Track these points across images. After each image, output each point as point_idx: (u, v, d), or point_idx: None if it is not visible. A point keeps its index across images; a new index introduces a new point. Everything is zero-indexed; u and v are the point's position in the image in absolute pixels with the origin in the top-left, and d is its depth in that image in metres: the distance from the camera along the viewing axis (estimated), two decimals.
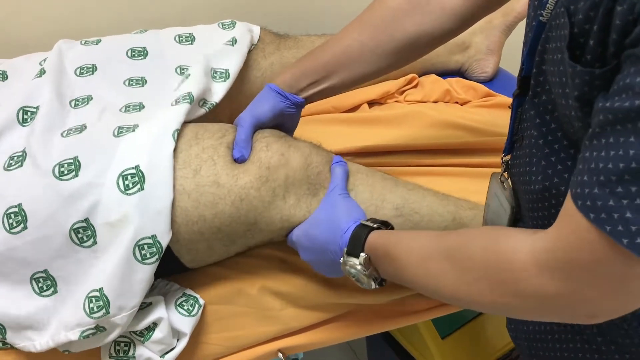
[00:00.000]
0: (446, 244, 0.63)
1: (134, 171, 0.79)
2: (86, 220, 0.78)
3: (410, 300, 0.95)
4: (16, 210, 0.79)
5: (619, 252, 0.46)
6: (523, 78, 0.64)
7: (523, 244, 0.54)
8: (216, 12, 1.27)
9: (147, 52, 1.04)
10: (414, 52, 0.87)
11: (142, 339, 0.84)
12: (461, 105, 1.20)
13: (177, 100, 0.89)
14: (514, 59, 0.84)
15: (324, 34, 1.17)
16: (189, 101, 0.88)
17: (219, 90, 0.97)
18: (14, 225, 0.79)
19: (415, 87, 1.23)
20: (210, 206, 0.81)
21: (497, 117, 1.12)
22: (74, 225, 0.78)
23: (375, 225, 0.74)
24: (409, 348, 1.32)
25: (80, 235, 0.79)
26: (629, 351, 0.66)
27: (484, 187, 0.83)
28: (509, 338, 1.28)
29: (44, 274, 0.81)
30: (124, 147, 0.81)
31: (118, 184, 0.78)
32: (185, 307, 0.86)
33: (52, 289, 0.82)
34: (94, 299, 0.78)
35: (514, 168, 0.72)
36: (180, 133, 0.84)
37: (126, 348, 0.85)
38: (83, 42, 1.06)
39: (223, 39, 1.07)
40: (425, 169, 1.06)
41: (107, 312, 0.78)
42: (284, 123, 0.91)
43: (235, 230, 0.83)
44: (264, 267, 0.92)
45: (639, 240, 0.44)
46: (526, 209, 0.69)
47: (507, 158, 0.74)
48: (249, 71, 1.08)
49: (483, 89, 1.20)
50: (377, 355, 1.50)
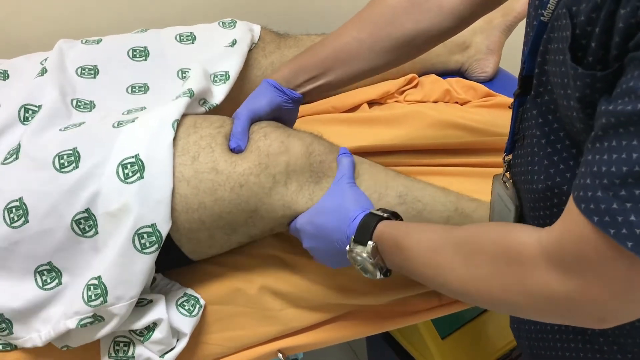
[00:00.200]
0: (456, 237, 0.62)
1: (133, 160, 0.79)
2: (87, 210, 0.78)
3: (410, 300, 0.95)
4: (17, 204, 0.79)
5: (623, 255, 0.46)
6: (524, 77, 0.64)
7: (531, 238, 0.54)
8: (216, 12, 1.27)
9: (148, 52, 1.04)
10: (412, 50, 0.87)
11: (141, 338, 0.83)
12: (461, 105, 1.20)
13: (178, 96, 0.89)
14: (514, 59, 0.84)
15: (324, 33, 1.17)
16: (189, 95, 0.88)
17: (220, 93, 0.98)
18: (15, 219, 0.79)
19: (415, 87, 1.23)
20: (210, 193, 0.80)
21: (497, 117, 1.12)
22: (75, 216, 0.78)
23: (385, 215, 0.74)
24: (409, 348, 1.32)
25: (82, 226, 0.79)
26: (631, 351, 0.66)
27: (483, 187, 0.83)
28: (508, 338, 1.29)
29: (48, 266, 0.81)
30: (123, 136, 0.81)
31: (118, 173, 0.78)
32: (186, 307, 0.86)
33: (57, 280, 0.82)
34: (92, 287, 0.78)
35: (515, 167, 0.72)
36: (179, 123, 0.84)
37: (125, 348, 0.85)
38: (84, 42, 1.06)
39: (223, 39, 1.07)
40: (425, 168, 1.06)
41: (105, 301, 0.78)
42: (281, 117, 0.91)
43: (236, 218, 0.83)
44: (264, 267, 0.92)
45: None
46: (528, 208, 0.69)
47: (509, 158, 0.74)
48: (249, 70, 1.08)
49: (483, 89, 1.20)
50: (377, 356, 1.50)
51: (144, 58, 1.03)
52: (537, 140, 0.63)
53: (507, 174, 0.75)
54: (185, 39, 1.07)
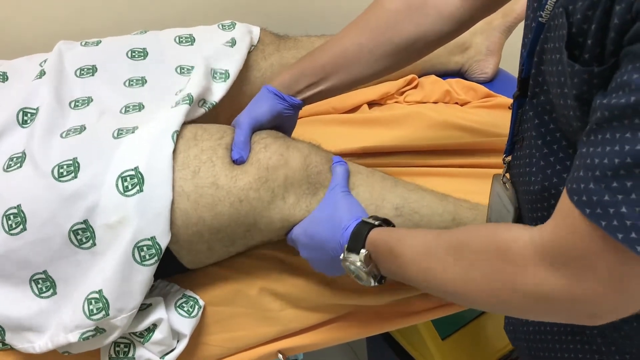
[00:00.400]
0: (448, 239, 0.63)
1: (133, 172, 0.79)
2: (85, 221, 0.78)
3: (410, 301, 0.95)
4: (15, 211, 0.79)
5: (614, 247, 0.46)
6: (523, 79, 0.65)
7: (522, 236, 0.54)
8: (216, 13, 1.27)
9: (147, 53, 1.04)
10: (412, 54, 0.87)
11: (141, 340, 0.83)
12: (461, 106, 1.20)
13: (177, 102, 0.89)
14: (514, 60, 0.84)
15: (323, 34, 1.17)
16: (188, 102, 0.88)
17: (219, 90, 0.97)
18: (14, 226, 0.79)
19: (415, 87, 1.23)
20: (210, 207, 0.81)
21: (496, 117, 1.12)
22: (73, 226, 0.78)
23: (376, 223, 0.74)
24: (409, 349, 1.32)
25: (79, 237, 0.79)
26: (629, 352, 0.66)
27: (483, 187, 0.83)
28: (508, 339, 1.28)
29: (43, 275, 0.81)
30: (123, 148, 0.81)
31: (117, 185, 0.78)
32: (185, 309, 0.86)
33: (52, 290, 0.82)
34: (93, 301, 0.78)
35: (514, 169, 0.72)
36: (179, 134, 0.84)
37: (126, 349, 0.85)
38: (83, 43, 1.06)
39: (223, 39, 1.07)
40: (424, 169, 1.06)
41: (107, 314, 0.78)
42: (281, 124, 0.91)
43: (235, 231, 0.83)
44: (264, 268, 0.92)
45: (633, 235, 0.44)
46: (526, 209, 0.69)
47: (508, 159, 0.74)
48: (249, 72, 1.08)
49: (483, 89, 1.20)
50: (377, 356, 1.50)
51: (142, 58, 1.03)
52: (534, 141, 0.64)
53: (507, 175, 0.75)
54: (184, 41, 1.07)
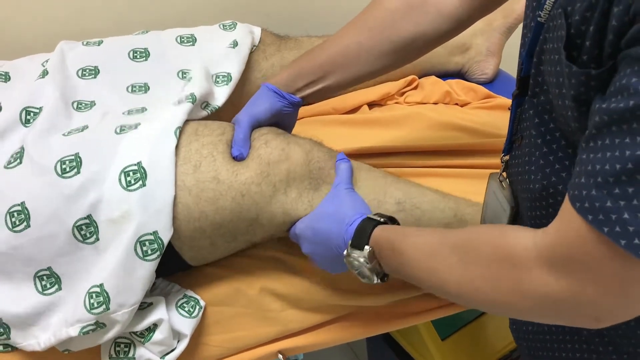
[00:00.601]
0: (452, 240, 0.63)
1: (135, 167, 0.79)
2: (89, 216, 0.78)
3: (410, 301, 0.95)
4: (19, 208, 0.79)
5: (617, 253, 0.46)
6: (522, 78, 0.65)
7: (527, 239, 0.54)
8: (217, 13, 1.27)
9: (148, 54, 1.04)
10: (410, 53, 0.87)
11: (142, 339, 0.84)
12: (461, 106, 1.20)
13: (180, 100, 0.89)
14: (514, 61, 0.84)
15: (324, 35, 1.18)
16: (191, 101, 0.88)
17: (222, 94, 0.98)
18: (17, 223, 0.79)
19: (415, 88, 1.23)
20: (211, 202, 0.81)
21: (496, 118, 1.12)
22: (77, 222, 0.78)
23: (381, 220, 0.74)
24: (409, 349, 1.32)
25: (83, 232, 0.79)
26: (627, 351, 0.66)
27: (483, 188, 0.83)
28: (508, 340, 1.29)
29: (47, 272, 0.81)
30: (125, 143, 0.81)
31: (120, 180, 0.79)
32: (186, 309, 0.86)
33: (56, 286, 0.82)
34: (94, 295, 0.79)
35: (512, 168, 0.72)
36: (181, 130, 0.84)
37: (126, 349, 0.85)
38: (85, 43, 1.06)
39: (224, 41, 1.07)
40: (425, 170, 1.06)
41: (107, 308, 0.78)
42: (281, 122, 0.91)
43: (237, 226, 0.83)
44: (264, 268, 0.92)
45: (636, 242, 0.44)
46: (525, 208, 0.69)
47: (506, 158, 0.74)
48: (250, 72, 1.08)
49: (483, 90, 1.20)
50: (377, 357, 1.50)
51: (144, 59, 1.04)
52: (533, 140, 0.64)
53: (504, 174, 0.75)
54: (185, 41, 1.07)
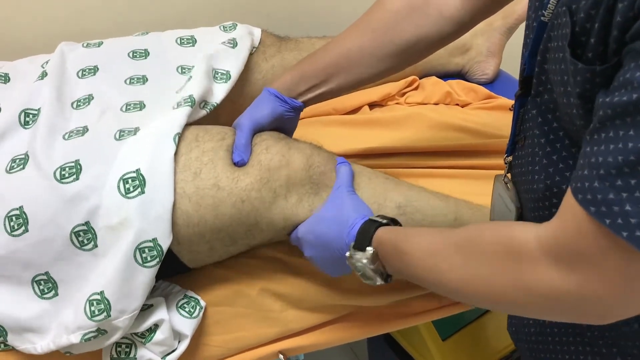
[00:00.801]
0: (454, 238, 0.62)
1: (134, 175, 0.79)
2: (87, 223, 0.78)
3: (411, 301, 0.96)
4: (17, 212, 0.79)
5: (619, 246, 0.46)
6: (525, 78, 0.65)
7: (529, 234, 0.54)
8: (217, 13, 1.27)
9: (148, 53, 1.04)
10: (413, 55, 0.87)
11: (143, 340, 0.84)
12: (462, 107, 1.20)
13: (179, 104, 0.89)
14: (515, 61, 0.84)
15: (324, 35, 1.18)
16: (190, 104, 0.88)
17: (220, 92, 0.98)
18: (15, 227, 0.79)
19: (415, 89, 1.23)
20: (211, 208, 0.81)
21: (497, 119, 1.12)
22: (74, 228, 0.78)
23: (384, 221, 0.74)
24: (410, 349, 1.32)
25: (80, 239, 0.79)
26: (630, 353, 0.66)
27: (483, 189, 0.84)
28: (509, 340, 1.28)
29: (45, 277, 0.81)
30: (125, 150, 0.81)
31: (119, 187, 0.79)
32: (187, 309, 0.86)
33: (53, 291, 0.82)
34: (95, 302, 0.79)
35: (515, 168, 0.72)
36: (180, 136, 0.84)
37: (127, 350, 0.85)
38: (85, 45, 1.06)
39: (224, 39, 1.07)
40: (425, 170, 1.07)
41: (109, 315, 0.78)
42: (282, 126, 0.91)
43: (236, 231, 0.83)
44: (265, 268, 0.92)
45: (638, 234, 0.44)
46: (528, 209, 0.69)
47: (509, 159, 0.74)
48: (250, 73, 1.08)
49: (484, 91, 1.20)
50: (377, 357, 1.50)
51: (144, 58, 1.04)
52: (537, 139, 0.64)
53: (509, 175, 0.75)
54: (185, 42, 1.07)
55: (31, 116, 0.91)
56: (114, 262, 0.78)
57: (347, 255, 0.74)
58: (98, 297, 0.79)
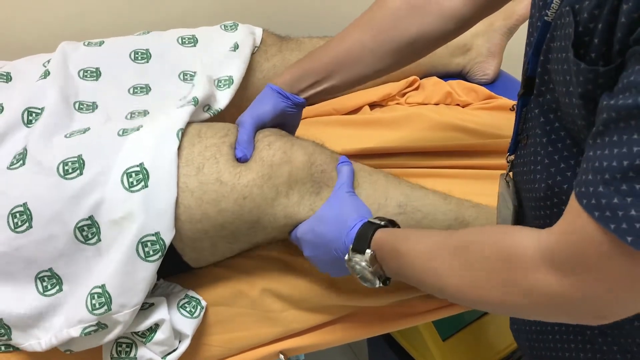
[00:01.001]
0: (454, 241, 0.62)
1: (138, 169, 0.79)
2: (91, 217, 0.79)
3: (411, 302, 0.96)
4: (21, 209, 0.79)
5: (623, 250, 0.45)
6: (528, 78, 0.65)
7: (530, 239, 0.54)
8: (218, 13, 1.27)
9: (150, 55, 1.04)
10: (414, 53, 0.87)
11: (143, 340, 0.84)
12: (462, 107, 1.20)
13: (182, 104, 0.89)
14: (515, 62, 0.84)
15: (325, 35, 1.18)
16: (194, 104, 0.88)
17: (224, 98, 0.98)
18: (19, 224, 0.79)
19: (416, 89, 1.23)
20: (214, 204, 0.81)
21: (498, 119, 1.13)
22: (78, 223, 0.78)
23: (382, 223, 0.74)
24: (410, 350, 1.32)
25: (85, 233, 0.79)
26: (630, 350, 0.66)
27: (484, 188, 0.84)
28: (510, 340, 1.28)
29: (48, 273, 0.81)
30: (128, 145, 0.81)
31: (122, 181, 0.79)
32: (188, 309, 0.86)
33: (57, 287, 0.82)
34: (96, 296, 0.79)
35: (517, 168, 0.72)
36: (184, 131, 0.84)
37: (128, 349, 0.85)
38: (86, 44, 1.06)
39: (225, 43, 1.07)
40: (425, 170, 1.07)
41: (109, 309, 0.78)
42: (285, 123, 0.92)
43: (238, 228, 0.83)
44: (266, 269, 0.92)
45: None
46: (529, 208, 0.69)
47: (511, 158, 0.74)
48: (251, 74, 1.08)
49: (484, 91, 1.20)
50: (378, 357, 1.50)
51: (145, 60, 1.04)
52: (539, 139, 0.64)
53: (510, 174, 0.75)
54: (187, 42, 1.07)
55: (34, 115, 0.91)
56: (116, 255, 0.78)
57: (346, 258, 0.75)
58: (99, 290, 0.79)
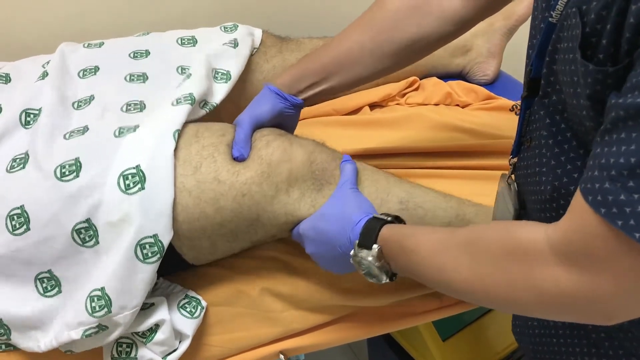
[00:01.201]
0: (461, 237, 0.62)
1: (134, 171, 0.79)
2: (88, 220, 0.79)
3: (411, 302, 0.96)
4: (19, 212, 0.79)
5: (631, 247, 0.45)
6: (531, 80, 0.64)
7: (538, 233, 0.53)
8: (217, 13, 1.28)
9: (149, 53, 1.04)
10: (413, 54, 0.87)
11: (144, 340, 0.84)
12: (462, 108, 1.20)
13: (179, 101, 0.89)
14: (515, 62, 0.84)
15: (325, 36, 1.18)
16: (190, 102, 0.88)
17: (220, 91, 0.98)
18: (17, 226, 0.79)
19: (416, 89, 1.23)
20: (212, 202, 0.81)
21: (497, 119, 1.13)
22: (76, 225, 0.78)
23: (388, 219, 0.74)
24: (410, 350, 1.32)
25: (82, 236, 0.79)
26: (636, 354, 0.66)
27: (484, 189, 0.84)
28: (509, 341, 1.29)
29: (48, 274, 0.81)
30: (125, 147, 0.81)
31: (119, 183, 0.79)
32: (188, 309, 0.86)
33: (57, 289, 0.82)
34: (95, 298, 0.79)
35: (520, 170, 0.72)
36: (180, 132, 0.84)
37: (128, 349, 0.85)
38: (86, 45, 1.06)
39: (225, 39, 1.07)
40: (425, 171, 1.07)
41: (109, 311, 0.78)
42: (282, 124, 0.91)
43: (237, 226, 0.83)
44: (266, 269, 0.92)
45: None
46: (534, 210, 0.69)
47: (514, 160, 0.74)
48: (251, 74, 1.08)
49: (484, 91, 1.20)
50: (378, 357, 1.50)
51: (144, 58, 1.04)
52: (544, 141, 0.63)
53: (512, 177, 0.75)
54: (186, 42, 1.07)
55: (32, 116, 0.91)
56: (115, 258, 0.78)
57: (352, 253, 0.74)
58: (99, 293, 0.79)
